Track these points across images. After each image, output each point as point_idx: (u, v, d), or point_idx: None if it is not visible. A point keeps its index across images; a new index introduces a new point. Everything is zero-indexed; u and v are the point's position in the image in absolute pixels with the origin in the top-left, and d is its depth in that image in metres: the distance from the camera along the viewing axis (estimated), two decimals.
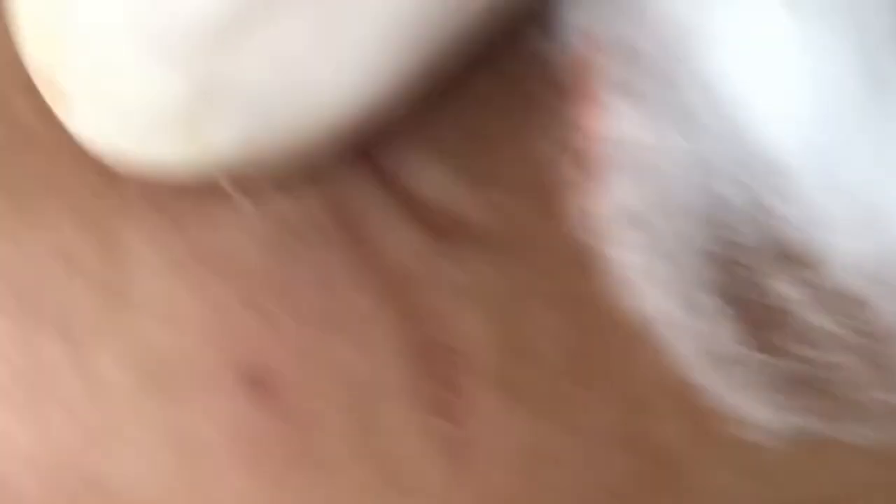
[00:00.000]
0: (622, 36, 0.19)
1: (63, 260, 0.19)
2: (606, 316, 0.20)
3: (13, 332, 0.19)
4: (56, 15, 0.18)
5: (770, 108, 0.18)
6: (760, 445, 0.19)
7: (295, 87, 0.18)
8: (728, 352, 0.19)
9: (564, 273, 0.20)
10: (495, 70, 0.20)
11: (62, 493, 0.19)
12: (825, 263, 0.19)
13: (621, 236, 0.19)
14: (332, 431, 0.19)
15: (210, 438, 0.19)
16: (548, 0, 0.19)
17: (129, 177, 0.19)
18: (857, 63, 0.18)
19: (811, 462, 0.20)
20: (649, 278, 0.19)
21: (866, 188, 0.18)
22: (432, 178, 0.20)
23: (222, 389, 0.19)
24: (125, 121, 0.18)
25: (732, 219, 0.19)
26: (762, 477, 0.20)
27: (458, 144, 0.20)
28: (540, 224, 0.20)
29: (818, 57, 0.18)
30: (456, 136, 0.20)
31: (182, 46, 0.18)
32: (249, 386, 0.19)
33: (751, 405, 0.19)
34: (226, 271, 0.19)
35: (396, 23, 0.18)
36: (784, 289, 0.19)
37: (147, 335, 0.19)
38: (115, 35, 0.18)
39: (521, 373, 0.20)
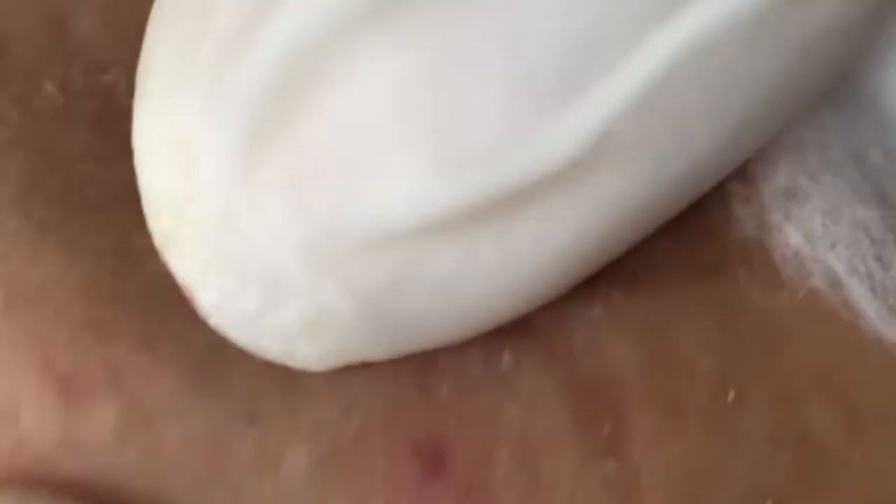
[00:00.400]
0: None
1: None
2: (752, 314, 0.20)
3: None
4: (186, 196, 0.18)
5: None
6: None
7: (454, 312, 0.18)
8: None
9: (703, 278, 0.20)
10: None
11: None
12: None
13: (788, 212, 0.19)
14: (503, 496, 0.19)
15: None
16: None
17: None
18: None
19: None
20: (826, 245, 0.19)
21: None
22: None
23: (396, 465, 0.19)
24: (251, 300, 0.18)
25: None
26: None
27: None
28: (670, 242, 0.20)
29: None
30: None
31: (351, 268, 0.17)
32: (421, 461, 0.19)
33: None
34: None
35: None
36: None
37: (323, 417, 0.19)
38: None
39: (675, 388, 0.20)
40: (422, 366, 0.19)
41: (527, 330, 0.19)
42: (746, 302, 0.20)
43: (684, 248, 0.20)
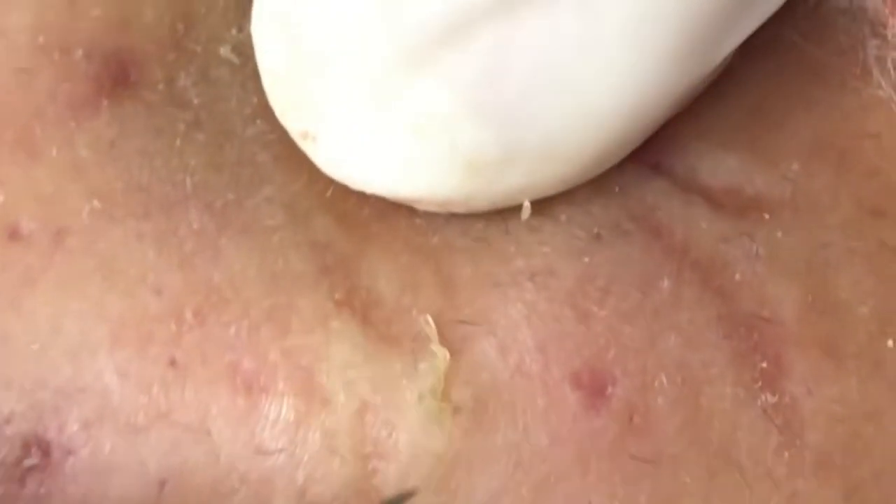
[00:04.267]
0: None
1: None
2: None
3: None
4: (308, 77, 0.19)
5: None
6: None
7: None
8: None
9: (863, 225, 0.20)
10: (766, 45, 0.20)
11: None
12: None
13: None
14: (665, 425, 0.19)
15: (545, 446, 0.19)
16: None
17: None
18: None
19: None
20: None
21: None
22: (725, 168, 0.20)
23: (556, 398, 0.19)
24: (385, 157, 0.19)
25: None
26: None
27: (743, 127, 0.21)
28: (836, 183, 0.20)
29: None
30: (739, 119, 0.21)
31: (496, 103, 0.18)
32: (582, 391, 0.19)
33: None
34: (545, 284, 0.19)
35: (665, 19, 0.18)
36: None
37: (483, 357, 0.19)
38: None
39: (833, 331, 0.20)
40: (579, 290, 0.19)
41: (686, 257, 0.20)
42: None
43: (848, 187, 0.20)
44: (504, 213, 0.20)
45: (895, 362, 0.20)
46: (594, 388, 0.19)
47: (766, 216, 0.20)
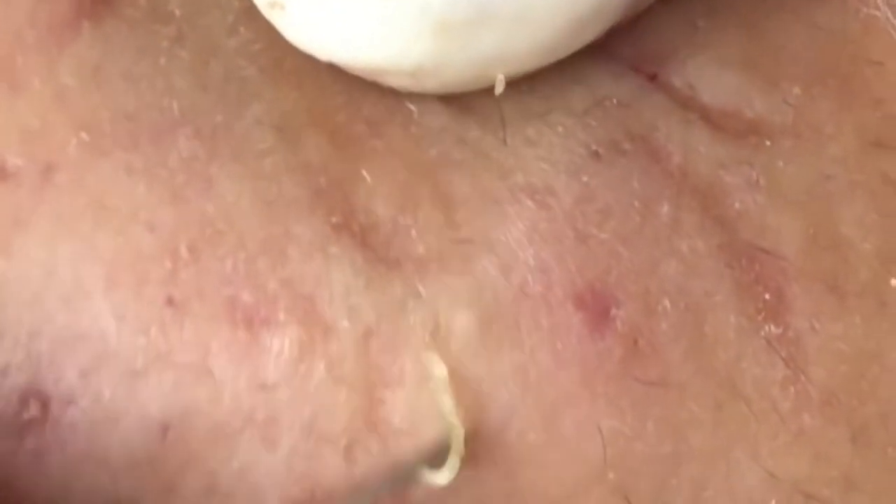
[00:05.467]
0: None
1: None
2: None
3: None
4: None
5: None
6: None
7: None
8: None
9: (870, 158, 0.20)
10: None
11: None
12: None
13: None
14: (669, 351, 0.18)
15: (550, 367, 0.18)
16: None
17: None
18: None
19: None
20: None
21: None
22: (725, 87, 0.20)
23: (560, 321, 0.18)
24: (356, 26, 0.18)
25: None
26: None
27: (741, 44, 0.20)
28: (838, 111, 0.20)
29: None
30: (737, 36, 0.20)
31: None
32: (586, 313, 0.18)
33: None
34: (545, 203, 0.19)
35: None
36: None
37: (485, 276, 0.18)
38: None
39: (836, 266, 0.19)
40: (579, 211, 0.19)
41: (685, 183, 0.19)
42: None
43: (850, 117, 0.20)
44: (499, 123, 0.19)
45: None
46: (598, 309, 0.18)
47: (767, 143, 0.19)
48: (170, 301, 0.18)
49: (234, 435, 0.18)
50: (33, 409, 0.18)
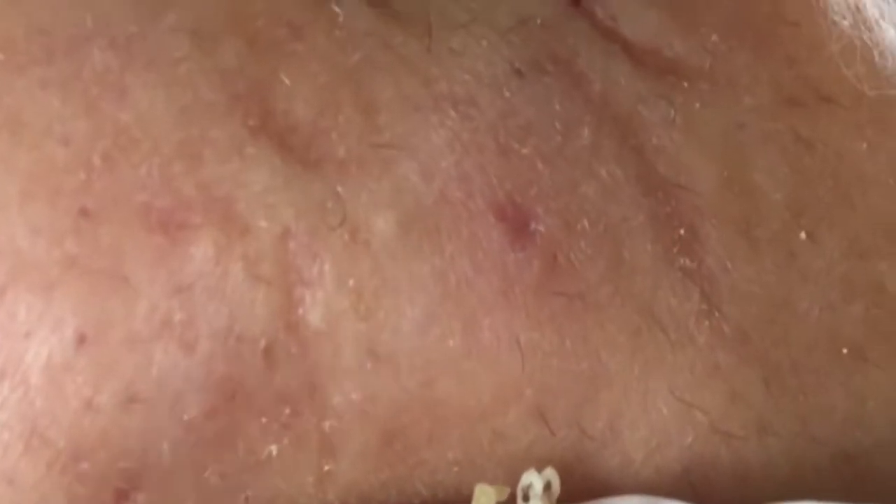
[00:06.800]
0: None
1: None
2: (828, 158, 0.20)
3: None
4: None
5: None
6: None
7: None
8: None
9: (783, 114, 0.20)
10: None
11: None
12: None
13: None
14: (588, 269, 0.18)
15: (470, 275, 0.18)
16: None
17: None
18: None
19: None
20: None
21: None
22: (646, 25, 0.20)
23: (481, 229, 0.18)
24: None
25: None
26: None
27: None
28: (756, 64, 0.20)
29: None
30: None
31: None
32: (506, 224, 0.18)
33: None
34: (467, 114, 0.19)
35: None
36: None
37: (406, 181, 0.18)
38: None
39: (748, 212, 0.19)
40: (501, 124, 0.19)
41: (605, 111, 0.19)
42: (824, 144, 0.20)
43: (766, 72, 0.20)
44: (424, 30, 0.19)
45: (808, 255, 0.19)
46: (517, 222, 0.18)
47: (685, 84, 0.19)
48: (83, 211, 0.18)
49: (149, 342, 0.17)
50: None
